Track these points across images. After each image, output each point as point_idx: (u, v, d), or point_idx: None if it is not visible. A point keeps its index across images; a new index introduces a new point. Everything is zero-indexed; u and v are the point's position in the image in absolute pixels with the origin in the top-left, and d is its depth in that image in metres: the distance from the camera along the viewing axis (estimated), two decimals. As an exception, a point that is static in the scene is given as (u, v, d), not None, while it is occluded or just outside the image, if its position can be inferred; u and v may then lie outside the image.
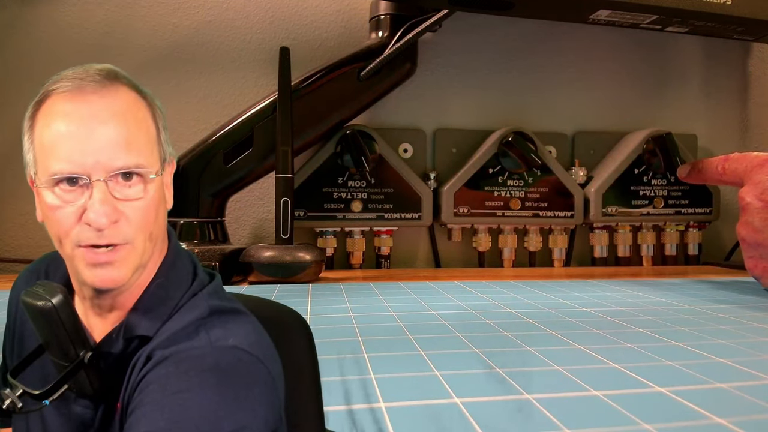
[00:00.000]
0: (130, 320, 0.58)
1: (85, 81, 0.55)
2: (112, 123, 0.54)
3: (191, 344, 0.52)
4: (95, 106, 0.54)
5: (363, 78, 2.82)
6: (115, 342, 0.58)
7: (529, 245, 3.16)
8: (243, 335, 0.54)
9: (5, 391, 0.56)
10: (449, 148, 3.19)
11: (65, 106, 0.54)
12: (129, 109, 0.56)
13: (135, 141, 0.55)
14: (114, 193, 0.54)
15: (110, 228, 0.54)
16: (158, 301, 0.58)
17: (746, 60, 3.63)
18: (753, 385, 1.15)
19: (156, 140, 0.59)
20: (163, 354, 0.52)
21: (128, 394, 0.54)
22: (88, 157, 0.53)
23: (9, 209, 2.84)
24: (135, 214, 0.55)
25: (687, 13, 2.59)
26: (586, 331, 1.62)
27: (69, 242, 0.55)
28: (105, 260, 0.55)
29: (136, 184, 0.55)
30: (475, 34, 3.25)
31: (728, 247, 3.46)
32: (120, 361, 0.57)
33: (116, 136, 0.54)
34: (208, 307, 0.57)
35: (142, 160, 0.55)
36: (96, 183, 0.53)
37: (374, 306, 1.93)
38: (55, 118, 0.54)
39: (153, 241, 0.58)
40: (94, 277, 0.55)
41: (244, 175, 2.76)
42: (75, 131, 0.53)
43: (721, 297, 2.19)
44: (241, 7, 3.05)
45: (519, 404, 1.05)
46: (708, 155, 3.57)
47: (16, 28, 2.84)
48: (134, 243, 0.55)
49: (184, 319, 0.56)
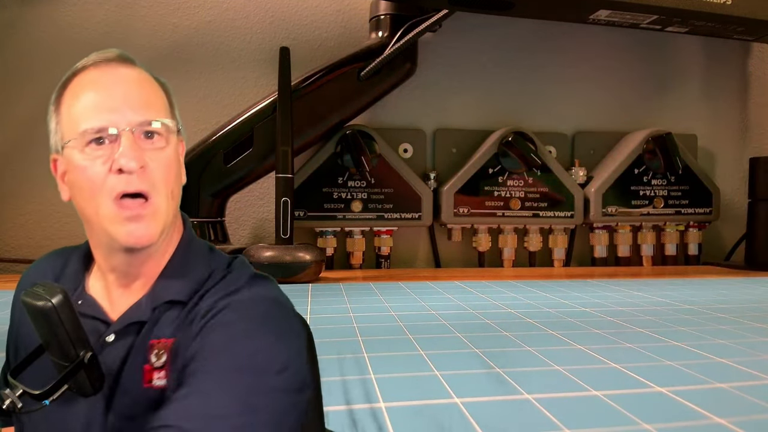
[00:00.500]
0: (157, 287, 0.63)
1: (109, 56, 0.62)
2: (135, 86, 0.62)
3: (244, 296, 0.60)
4: (119, 73, 0.61)
5: (363, 78, 2.82)
6: (145, 308, 0.62)
7: (529, 245, 3.17)
8: (279, 293, 0.63)
9: (5, 391, 0.56)
10: (449, 148, 3.19)
11: (93, 75, 0.61)
12: (147, 80, 0.64)
13: (154, 103, 0.62)
14: (140, 143, 0.60)
15: (138, 174, 0.59)
16: (183, 270, 0.64)
17: (746, 60, 3.63)
18: (753, 385, 1.15)
19: (171, 113, 0.65)
20: (224, 303, 0.59)
21: (183, 342, 0.59)
22: (114, 113, 0.59)
23: (9, 209, 2.84)
24: (159, 165, 0.61)
25: (687, 13, 2.59)
26: (586, 331, 1.62)
27: (103, 198, 0.59)
28: (137, 213, 0.59)
29: (158, 139, 0.62)
30: (475, 34, 3.25)
31: (728, 247, 3.46)
32: (145, 325, 0.61)
33: (138, 95, 0.61)
34: (249, 272, 0.64)
35: (162, 117, 0.62)
36: (123, 133, 0.58)
37: (374, 306, 1.93)
38: (84, 87, 0.61)
39: (174, 200, 0.63)
40: (128, 234, 0.59)
41: (244, 175, 2.76)
42: (102, 92, 0.60)
43: (721, 297, 2.18)
44: (241, 7, 3.05)
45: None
46: (708, 155, 3.58)
47: (16, 28, 2.84)
48: (157, 198, 0.61)
49: (235, 279, 0.62)
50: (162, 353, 0.60)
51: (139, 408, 0.59)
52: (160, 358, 0.60)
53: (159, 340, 0.60)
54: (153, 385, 0.59)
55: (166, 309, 0.62)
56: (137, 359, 0.60)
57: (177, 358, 0.59)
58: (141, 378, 0.59)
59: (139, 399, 0.59)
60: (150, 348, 0.60)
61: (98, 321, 0.64)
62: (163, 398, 0.57)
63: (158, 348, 0.60)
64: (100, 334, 0.62)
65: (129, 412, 0.59)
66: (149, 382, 0.59)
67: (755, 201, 3.16)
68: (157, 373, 0.59)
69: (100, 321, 0.64)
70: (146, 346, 0.60)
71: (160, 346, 0.60)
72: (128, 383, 0.60)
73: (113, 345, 0.62)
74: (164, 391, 0.58)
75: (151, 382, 0.59)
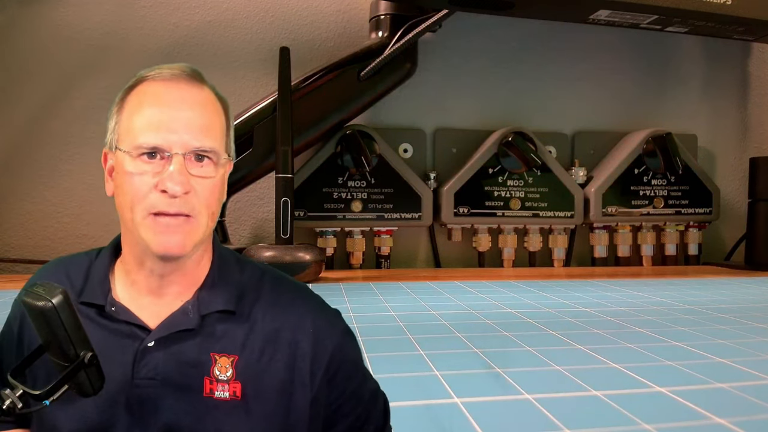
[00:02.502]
0: (203, 297, 0.66)
1: (178, 72, 0.64)
2: (197, 109, 0.63)
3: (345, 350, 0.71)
4: (184, 93, 0.63)
5: (363, 78, 2.82)
6: (193, 317, 0.64)
7: (529, 245, 3.16)
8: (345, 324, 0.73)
9: (5, 391, 0.56)
10: (449, 148, 3.19)
11: (159, 89, 0.63)
12: (210, 102, 0.65)
13: (212, 129, 0.64)
14: (188, 168, 0.61)
15: (181, 198, 0.61)
16: (223, 280, 0.67)
17: (746, 60, 3.63)
18: (753, 385, 1.15)
19: (226, 135, 0.67)
20: (329, 356, 0.68)
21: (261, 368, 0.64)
22: (172, 134, 0.61)
23: (9, 209, 2.84)
24: (203, 190, 0.63)
25: (687, 13, 2.59)
26: (586, 331, 1.62)
27: (141, 209, 0.61)
28: (172, 228, 0.61)
29: (207, 165, 0.63)
30: (475, 34, 3.25)
31: (728, 247, 3.46)
32: (194, 330, 0.64)
33: (198, 120, 0.62)
34: (318, 303, 0.73)
35: (216, 146, 0.64)
36: (176, 156, 0.60)
37: (374, 306, 1.93)
38: (148, 98, 0.62)
39: (213, 220, 0.66)
40: (160, 243, 0.61)
41: (244, 175, 2.76)
42: (165, 110, 0.61)
43: (721, 297, 2.18)
44: (241, 7, 3.05)
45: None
46: (708, 155, 3.58)
47: (16, 28, 2.84)
48: (199, 218, 0.63)
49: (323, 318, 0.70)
50: (228, 368, 0.63)
51: (195, 414, 0.61)
52: (225, 372, 0.62)
53: (221, 354, 0.63)
54: (214, 396, 0.62)
55: (217, 319, 0.65)
56: (193, 368, 0.63)
57: (253, 379, 0.63)
58: (200, 387, 0.62)
59: (197, 406, 0.62)
60: (213, 360, 0.63)
61: (134, 326, 0.64)
62: (231, 408, 0.61)
63: (221, 362, 0.63)
64: (140, 340, 0.63)
65: (179, 418, 0.62)
66: (210, 393, 0.62)
67: (755, 201, 3.16)
68: (221, 385, 0.62)
69: (135, 326, 0.64)
70: (206, 358, 0.63)
71: (224, 362, 0.63)
72: (182, 390, 0.62)
73: (156, 351, 0.63)
74: (227, 402, 0.62)
75: (213, 393, 0.62)
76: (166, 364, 0.62)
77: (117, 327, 0.64)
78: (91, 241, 2.83)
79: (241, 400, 0.62)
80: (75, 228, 2.86)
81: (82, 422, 0.62)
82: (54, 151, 2.81)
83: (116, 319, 0.65)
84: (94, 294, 0.66)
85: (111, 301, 0.66)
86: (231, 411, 0.62)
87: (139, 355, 0.63)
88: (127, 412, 0.62)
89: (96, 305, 0.66)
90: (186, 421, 0.61)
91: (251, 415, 0.62)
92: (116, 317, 0.65)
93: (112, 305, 0.66)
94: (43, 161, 2.82)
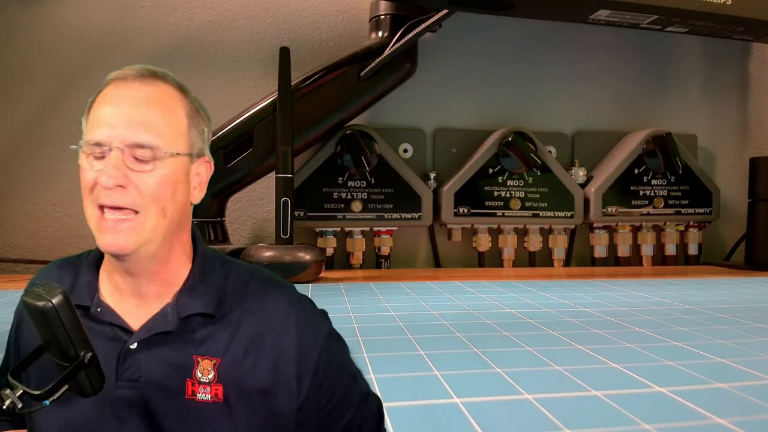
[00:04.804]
0: (181, 300, 0.66)
1: (132, 73, 0.65)
2: (142, 106, 0.63)
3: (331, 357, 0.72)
4: (132, 91, 0.64)
5: (363, 78, 2.82)
6: (171, 319, 0.65)
7: (529, 245, 3.16)
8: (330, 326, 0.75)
9: (5, 391, 0.56)
10: (449, 148, 3.19)
11: (111, 89, 0.65)
12: (162, 100, 0.65)
13: (156, 125, 0.64)
14: (127, 162, 0.62)
15: (118, 191, 0.61)
16: (203, 283, 0.67)
17: (746, 60, 3.63)
18: (753, 385, 1.15)
19: (185, 132, 0.67)
20: (314, 363, 0.68)
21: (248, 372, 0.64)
22: (112, 129, 0.62)
23: (9, 209, 2.84)
24: (146, 185, 0.62)
25: (687, 13, 2.59)
26: (586, 331, 1.62)
27: (89, 202, 0.63)
28: (111, 226, 0.62)
29: (148, 160, 0.63)
30: (475, 34, 3.25)
31: (728, 247, 3.46)
32: (175, 331, 0.64)
33: (140, 116, 0.63)
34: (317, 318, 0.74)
35: (158, 142, 0.63)
36: (114, 150, 0.61)
37: (374, 306, 1.93)
38: (105, 99, 0.64)
39: (167, 218, 0.64)
40: (104, 241, 0.63)
41: (244, 175, 2.76)
42: (110, 108, 0.63)
43: (721, 297, 2.18)
44: (241, 7, 3.05)
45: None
46: (708, 155, 3.58)
47: (16, 28, 2.84)
48: (145, 213, 0.63)
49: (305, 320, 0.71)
50: (210, 371, 0.63)
51: (177, 416, 0.62)
52: (206, 374, 0.63)
53: (204, 357, 0.64)
54: (196, 398, 0.62)
55: (201, 323, 0.65)
56: (175, 370, 0.63)
57: (236, 382, 0.63)
58: (182, 389, 0.63)
59: (180, 407, 0.62)
60: (195, 363, 0.63)
61: (117, 328, 0.65)
62: (213, 410, 0.62)
63: (203, 365, 0.63)
64: (123, 342, 0.64)
65: (162, 420, 0.62)
66: (192, 394, 0.63)
67: (755, 201, 3.16)
68: (202, 387, 0.63)
69: (119, 328, 0.65)
70: (188, 361, 0.63)
71: (206, 364, 0.63)
72: (165, 392, 0.63)
73: (139, 353, 0.63)
74: (208, 404, 0.62)
75: (195, 395, 0.63)
76: (148, 366, 0.63)
77: (101, 329, 0.65)
78: (91, 241, 2.80)
79: (223, 403, 0.63)
80: (75, 228, 2.86)
81: (66, 424, 0.63)
82: (54, 151, 2.81)
83: (101, 321, 0.65)
84: (81, 295, 0.67)
85: (97, 302, 0.67)
86: (213, 413, 0.62)
87: (122, 358, 0.63)
88: (111, 413, 0.62)
89: (82, 306, 0.66)
90: (169, 423, 0.62)
91: (234, 417, 0.63)
92: (101, 318, 0.65)
93: (98, 306, 0.66)
94: (43, 161, 2.82)
